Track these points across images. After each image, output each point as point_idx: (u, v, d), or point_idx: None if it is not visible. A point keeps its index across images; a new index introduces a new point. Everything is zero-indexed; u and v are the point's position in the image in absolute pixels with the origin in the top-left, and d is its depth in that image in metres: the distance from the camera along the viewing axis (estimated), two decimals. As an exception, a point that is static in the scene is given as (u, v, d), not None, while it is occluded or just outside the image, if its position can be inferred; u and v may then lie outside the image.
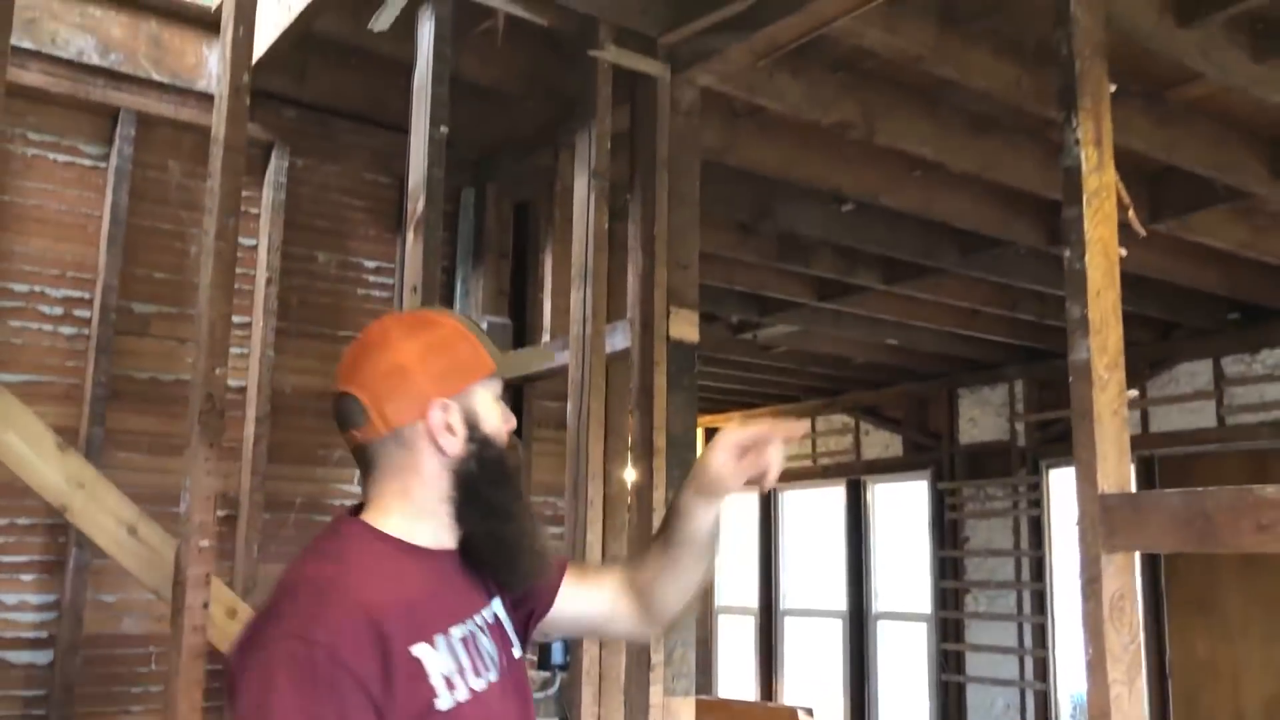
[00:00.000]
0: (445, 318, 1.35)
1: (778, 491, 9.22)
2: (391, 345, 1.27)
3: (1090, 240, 2.04)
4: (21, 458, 2.25)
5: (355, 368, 1.28)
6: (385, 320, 1.34)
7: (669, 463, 2.88)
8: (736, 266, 5.41)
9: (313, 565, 1.22)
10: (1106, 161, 2.10)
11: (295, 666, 1.08)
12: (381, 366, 1.26)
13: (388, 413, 1.24)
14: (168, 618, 3.27)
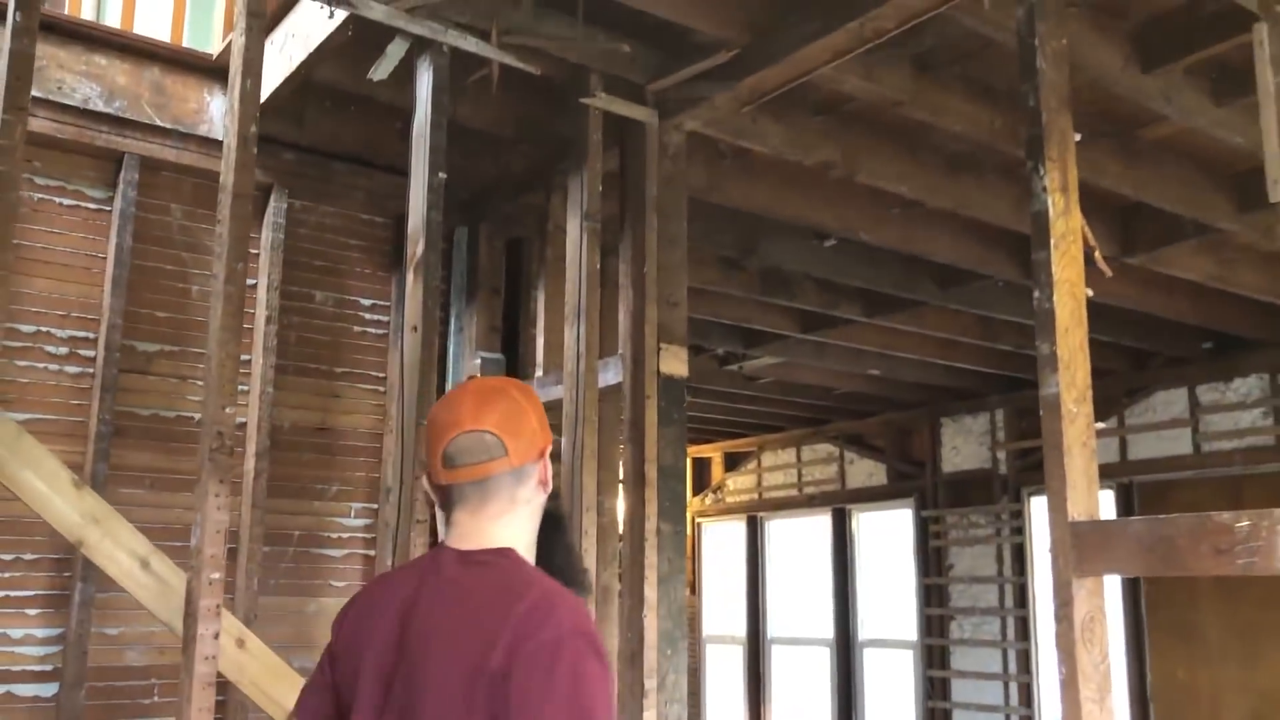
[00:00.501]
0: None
1: (764, 520, 9.32)
2: (512, 397, 1.52)
3: (1058, 281, 2.16)
4: (39, 494, 2.34)
5: (484, 410, 1.49)
6: (492, 380, 1.60)
7: (660, 493, 2.99)
8: (722, 300, 5.53)
9: (549, 582, 1.43)
10: (1072, 206, 2.23)
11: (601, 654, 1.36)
12: (510, 411, 1.49)
13: (520, 449, 1.47)
14: (170, 650, 3.35)
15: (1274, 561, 1.78)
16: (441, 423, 1.48)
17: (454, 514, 1.48)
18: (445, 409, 1.51)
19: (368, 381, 3.97)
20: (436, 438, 1.48)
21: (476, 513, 1.47)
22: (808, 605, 8.76)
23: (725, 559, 9.64)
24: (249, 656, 2.52)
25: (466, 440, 1.46)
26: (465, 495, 1.47)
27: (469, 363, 3.96)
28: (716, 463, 9.86)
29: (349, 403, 3.93)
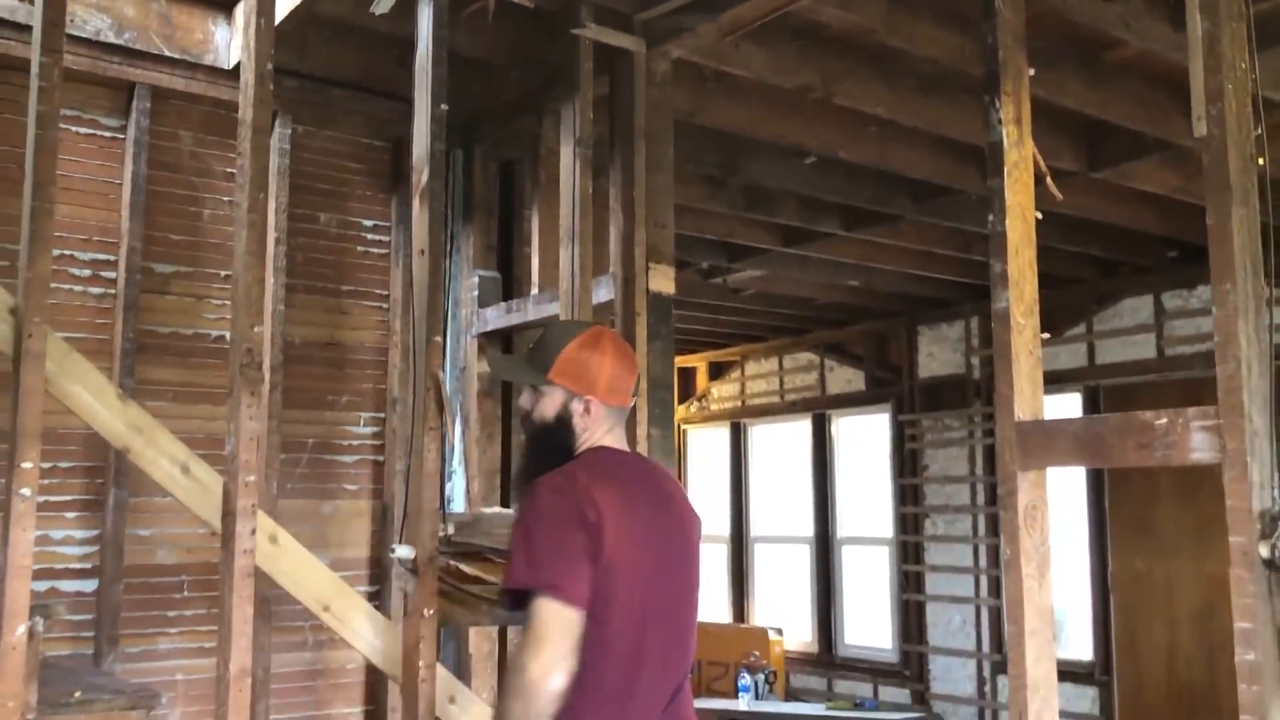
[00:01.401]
0: None
1: (747, 426, 9.65)
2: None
3: (1010, 206, 2.40)
4: (88, 406, 2.57)
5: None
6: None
7: (650, 402, 3.25)
8: (706, 217, 5.73)
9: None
10: (1025, 137, 2.46)
11: None
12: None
13: None
14: (197, 549, 3.65)
15: (1186, 454, 2.05)
16: (630, 364, 2.14)
17: (615, 428, 2.11)
18: (628, 354, 2.18)
19: (372, 299, 4.20)
20: (629, 373, 2.13)
21: (623, 426, 2.13)
22: (788, 506, 9.14)
23: (710, 463, 9.99)
24: (281, 550, 2.79)
25: (634, 380, 2.17)
26: (624, 416, 2.12)
27: (467, 280, 4.19)
28: (701, 372, 10.15)
29: (355, 319, 4.16)
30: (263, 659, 3.66)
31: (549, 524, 1.92)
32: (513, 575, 1.93)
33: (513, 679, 1.86)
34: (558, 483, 1.97)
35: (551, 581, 1.87)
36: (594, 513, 1.89)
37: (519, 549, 1.93)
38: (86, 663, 3.44)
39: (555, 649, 1.85)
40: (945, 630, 7.85)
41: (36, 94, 2.55)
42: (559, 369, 2.10)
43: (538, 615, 1.87)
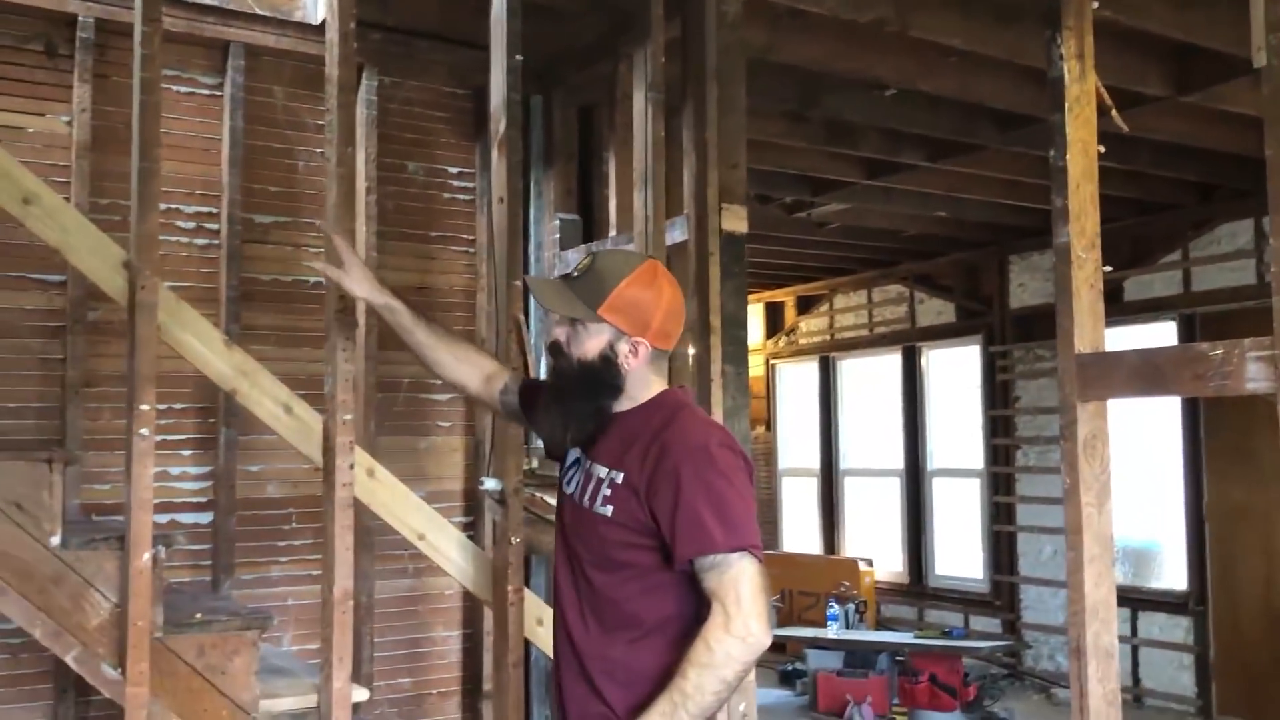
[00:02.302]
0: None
1: (835, 360, 9.67)
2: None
3: (1071, 141, 2.42)
4: (197, 352, 2.78)
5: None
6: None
7: (723, 340, 3.34)
8: (788, 151, 5.75)
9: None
10: (1088, 71, 2.46)
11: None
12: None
13: None
14: (303, 484, 3.88)
15: (1242, 384, 2.08)
16: (682, 306, 2.06)
17: (662, 370, 2.06)
18: (679, 296, 2.06)
19: (459, 244, 4.36)
20: (681, 316, 2.04)
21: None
22: (878, 439, 9.18)
23: (799, 397, 10.05)
24: (378, 484, 2.98)
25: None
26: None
27: (548, 224, 4.32)
28: (789, 306, 10.17)
29: (443, 263, 4.32)
30: (366, 585, 3.91)
31: (735, 482, 1.87)
32: (713, 541, 1.81)
33: (733, 647, 1.78)
34: (721, 438, 1.94)
35: (754, 541, 1.84)
36: (751, 465, 1.97)
37: (707, 512, 1.82)
38: (205, 588, 3.72)
39: (767, 609, 1.85)
40: (1036, 560, 7.86)
41: (140, 61, 2.72)
42: (611, 305, 1.96)
43: (748, 578, 1.81)
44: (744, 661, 1.80)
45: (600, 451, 2.01)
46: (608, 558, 1.94)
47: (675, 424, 1.94)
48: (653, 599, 1.91)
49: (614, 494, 1.94)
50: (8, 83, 3.60)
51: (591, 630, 1.94)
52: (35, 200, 2.61)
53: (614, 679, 1.90)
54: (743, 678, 1.82)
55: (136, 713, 2.56)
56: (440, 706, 4.15)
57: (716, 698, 1.80)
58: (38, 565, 2.56)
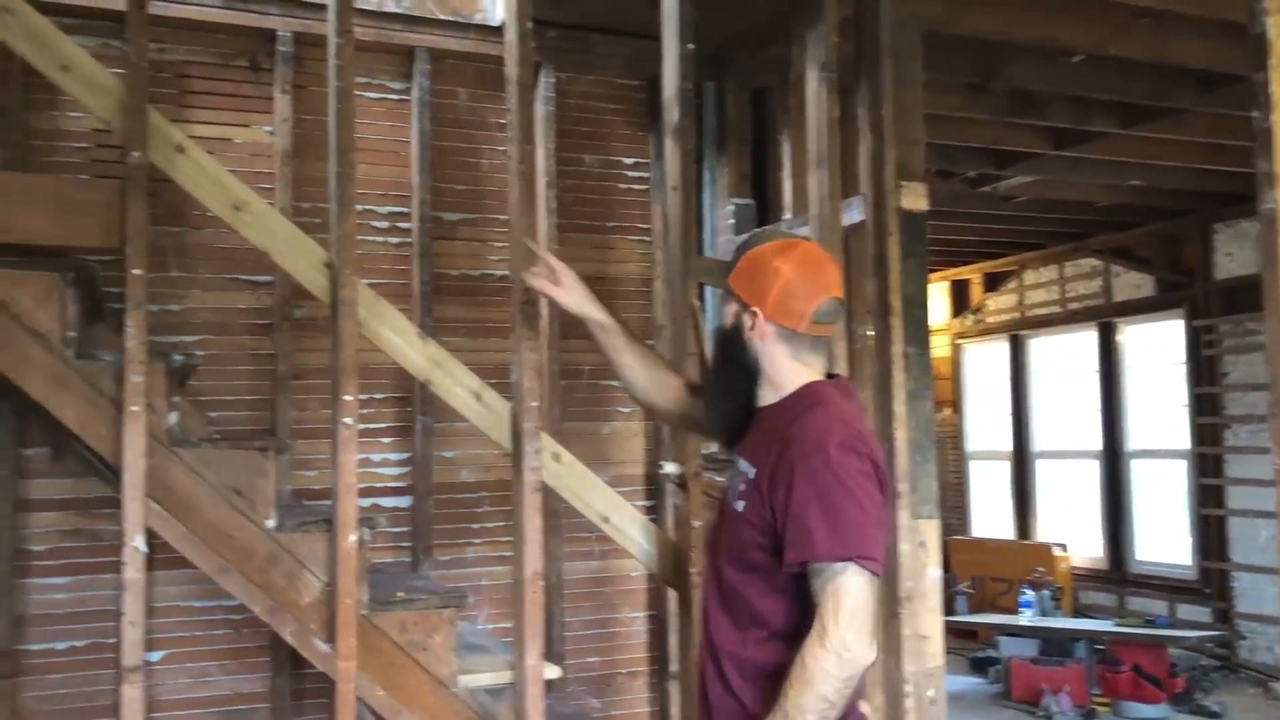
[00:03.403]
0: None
1: (1025, 338, 9.32)
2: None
3: (1275, 100, 2.27)
4: (394, 345, 2.93)
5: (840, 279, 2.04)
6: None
7: (904, 320, 3.29)
8: (969, 125, 5.58)
9: None
10: (1295, 24, 2.30)
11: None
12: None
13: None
14: (495, 469, 4.03)
15: None
16: (818, 283, 1.91)
17: (808, 355, 1.94)
18: (817, 271, 1.93)
19: (634, 233, 4.43)
20: (813, 293, 1.90)
21: (824, 354, 1.98)
22: (1072, 419, 8.80)
23: (987, 378, 9.74)
24: (564, 468, 3.08)
25: (834, 304, 1.94)
26: (820, 344, 1.95)
27: (722, 209, 4.33)
28: (975, 284, 9.86)
29: (620, 252, 4.41)
30: (555, 567, 4.04)
31: (851, 487, 1.77)
32: (815, 547, 1.76)
33: (828, 662, 1.72)
34: (844, 438, 1.82)
35: (864, 552, 1.75)
36: (882, 464, 1.84)
37: (816, 515, 1.76)
38: (405, 568, 3.92)
39: (873, 624, 1.76)
40: (1250, 546, 7.37)
41: (334, 70, 2.89)
42: (736, 273, 1.96)
43: (852, 589, 1.74)
44: (841, 678, 1.72)
45: (745, 446, 2.00)
46: (740, 555, 1.92)
47: (802, 420, 1.87)
48: (779, 601, 1.86)
49: (746, 489, 1.92)
50: (216, 98, 3.88)
51: (726, 626, 1.93)
52: (245, 207, 2.81)
53: (744, 675, 1.89)
54: (846, 695, 1.75)
55: (345, 685, 2.73)
56: (628, 686, 4.25)
57: (819, 716, 1.73)
58: (256, 547, 2.76)
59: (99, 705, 3.54)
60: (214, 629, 3.68)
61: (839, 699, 1.74)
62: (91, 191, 2.73)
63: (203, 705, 3.65)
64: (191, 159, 2.75)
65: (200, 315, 3.76)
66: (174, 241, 3.72)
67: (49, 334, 2.62)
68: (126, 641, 2.60)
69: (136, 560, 2.59)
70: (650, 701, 4.28)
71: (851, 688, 1.75)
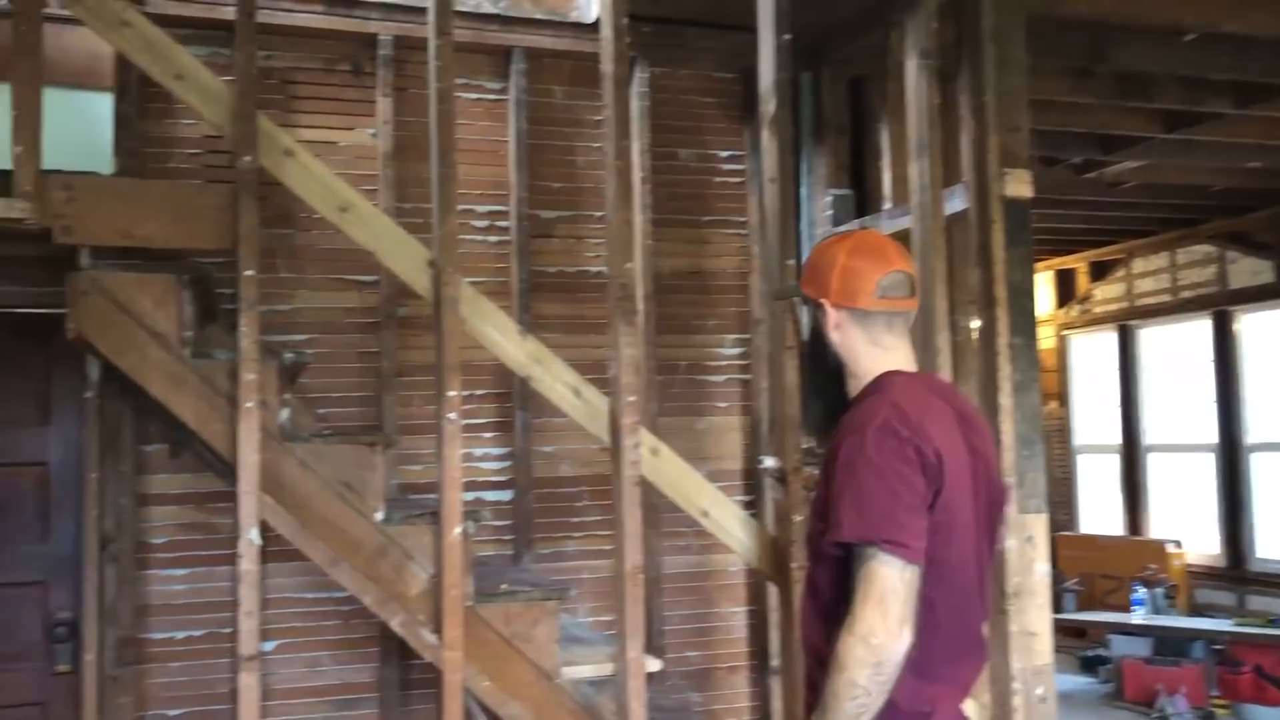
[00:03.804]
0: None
1: (1135, 329, 9.03)
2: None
3: None
4: (496, 342, 2.98)
5: (904, 255, 2.00)
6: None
7: (1010, 311, 3.21)
8: (1075, 109, 5.41)
9: None
10: None
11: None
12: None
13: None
14: (593, 463, 4.06)
15: None
16: (875, 260, 1.92)
17: (885, 341, 1.93)
18: (875, 250, 1.94)
19: (730, 226, 4.41)
20: (871, 269, 1.91)
21: (904, 338, 1.95)
22: (1185, 411, 8.50)
23: (1095, 370, 9.47)
24: (662, 462, 3.08)
25: (899, 277, 1.93)
26: (896, 323, 1.94)
27: (820, 201, 4.29)
28: (1081, 273, 9.58)
29: (716, 247, 4.39)
30: (653, 561, 4.05)
31: (883, 469, 1.74)
32: (843, 527, 1.74)
33: (855, 647, 1.69)
34: (886, 420, 1.78)
35: (892, 537, 1.71)
36: (932, 450, 1.76)
37: (847, 497, 1.75)
38: (507, 562, 3.97)
39: (902, 611, 1.71)
40: (1382, 544, 7.04)
41: (434, 72, 2.94)
42: (805, 274, 2.01)
43: (878, 576, 1.71)
44: (871, 664, 1.68)
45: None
46: (814, 546, 1.91)
47: (857, 406, 1.89)
48: (844, 587, 1.80)
49: (818, 481, 1.94)
50: (321, 102, 3.98)
51: (812, 620, 1.92)
52: (350, 208, 2.88)
53: (821, 664, 1.83)
54: (881, 682, 1.70)
55: (453, 675, 2.78)
56: (728, 680, 4.24)
57: (855, 704, 1.69)
58: (365, 539, 2.83)
59: (216, 693, 3.68)
60: (324, 620, 3.78)
61: (873, 686, 1.70)
62: (206, 196, 2.82)
63: (314, 694, 3.75)
64: (299, 162, 2.83)
65: (308, 315, 3.86)
66: (283, 243, 3.83)
67: (167, 334, 2.72)
68: (243, 631, 2.68)
69: (251, 553, 2.68)
70: (751, 696, 4.26)
71: (885, 676, 1.70)
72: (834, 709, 1.71)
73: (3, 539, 3.55)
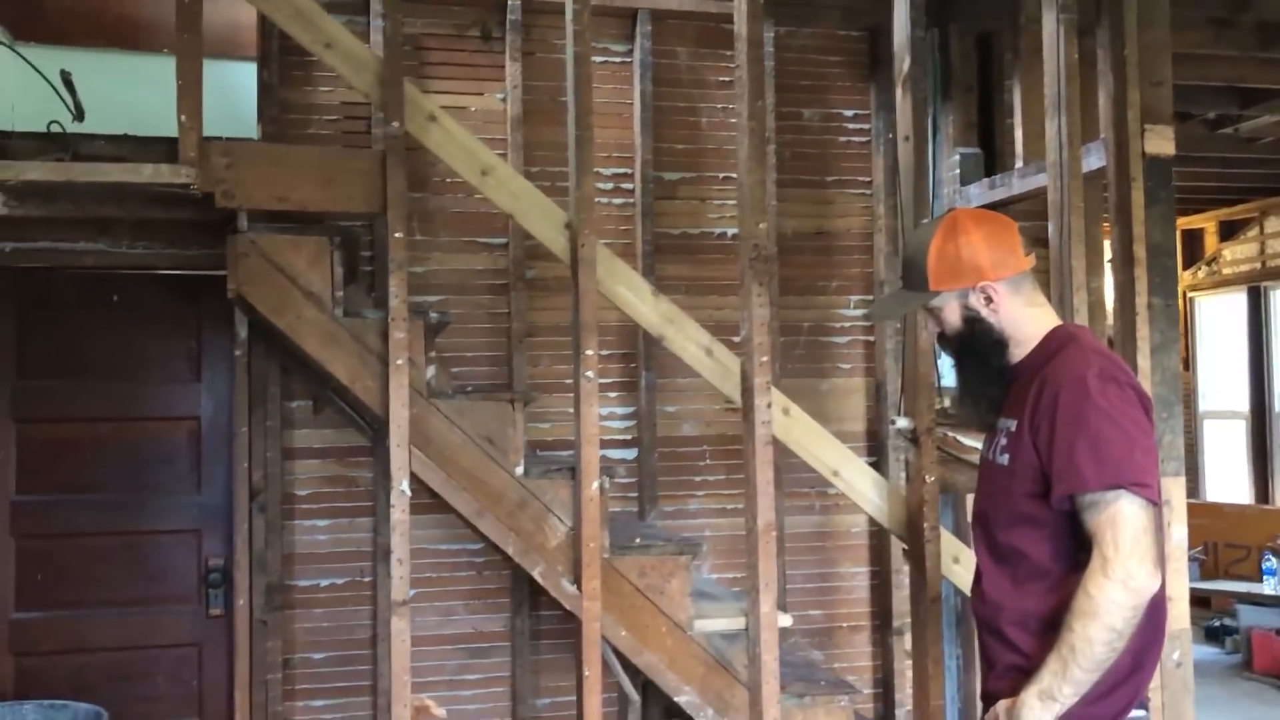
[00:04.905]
0: None
1: (1268, 289, 8.70)
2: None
3: None
4: (630, 303, 3.03)
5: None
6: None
7: (1149, 270, 3.15)
8: (1211, 62, 5.21)
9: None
10: None
11: None
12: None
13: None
14: (715, 423, 4.11)
15: None
16: (999, 228, 2.00)
17: (1033, 298, 2.00)
18: (991, 218, 2.02)
19: (855, 186, 4.38)
20: (1003, 238, 1.99)
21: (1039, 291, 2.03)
22: (1322, 377, 8.18)
23: (1222, 333, 9.15)
24: (792, 421, 3.11)
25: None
26: (1031, 281, 2.01)
27: (948, 159, 4.23)
28: (1209, 233, 9.24)
29: (840, 207, 4.37)
30: (777, 520, 4.08)
31: (1114, 415, 1.79)
32: (1086, 479, 1.77)
33: (1113, 591, 1.72)
34: (1103, 368, 1.84)
35: (1136, 479, 1.75)
36: (1146, 397, 1.84)
37: (1082, 448, 1.78)
38: (632, 518, 4.05)
39: (1155, 551, 1.76)
40: None
41: (571, 36, 2.99)
42: (935, 276, 1.99)
43: (1129, 518, 1.74)
44: (1130, 607, 1.72)
45: (1004, 406, 2.02)
46: (1010, 509, 1.93)
47: (1056, 359, 1.90)
48: (1057, 545, 1.86)
49: (1009, 442, 1.94)
50: (452, 67, 4.06)
51: (1005, 585, 1.93)
52: (491, 171, 2.96)
53: (1029, 630, 1.88)
54: (1133, 624, 1.74)
55: (591, 624, 2.87)
56: (850, 639, 4.27)
57: (1108, 647, 1.74)
58: (506, 492, 2.93)
59: (357, 639, 3.85)
60: (458, 570, 3.92)
61: (1126, 628, 1.74)
62: (355, 161, 2.93)
63: (450, 642, 3.89)
64: (442, 127, 2.92)
65: (441, 276, 3.97)
66: (417, 207, 3.93)
67: (321, 294, 2.84)
68: (395, 578, 2.81)
69: (403, 503, 2.80)
70: (872, 656, 4.29)
71: (1138, 618, 1.75)
72: (1085, 656, 1.75)
73: (160, 489, 3.76)
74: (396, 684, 2.81)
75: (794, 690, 3.12)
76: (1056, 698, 1.77)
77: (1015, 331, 1.99)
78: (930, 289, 2.00)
